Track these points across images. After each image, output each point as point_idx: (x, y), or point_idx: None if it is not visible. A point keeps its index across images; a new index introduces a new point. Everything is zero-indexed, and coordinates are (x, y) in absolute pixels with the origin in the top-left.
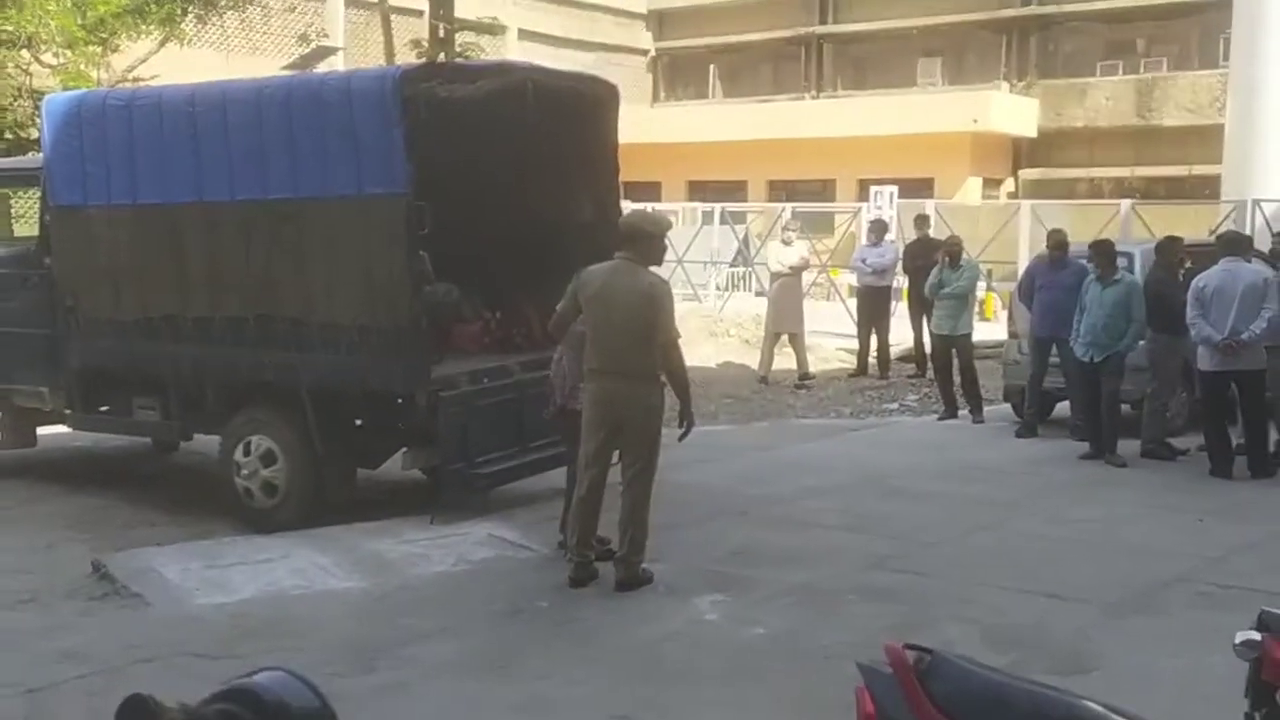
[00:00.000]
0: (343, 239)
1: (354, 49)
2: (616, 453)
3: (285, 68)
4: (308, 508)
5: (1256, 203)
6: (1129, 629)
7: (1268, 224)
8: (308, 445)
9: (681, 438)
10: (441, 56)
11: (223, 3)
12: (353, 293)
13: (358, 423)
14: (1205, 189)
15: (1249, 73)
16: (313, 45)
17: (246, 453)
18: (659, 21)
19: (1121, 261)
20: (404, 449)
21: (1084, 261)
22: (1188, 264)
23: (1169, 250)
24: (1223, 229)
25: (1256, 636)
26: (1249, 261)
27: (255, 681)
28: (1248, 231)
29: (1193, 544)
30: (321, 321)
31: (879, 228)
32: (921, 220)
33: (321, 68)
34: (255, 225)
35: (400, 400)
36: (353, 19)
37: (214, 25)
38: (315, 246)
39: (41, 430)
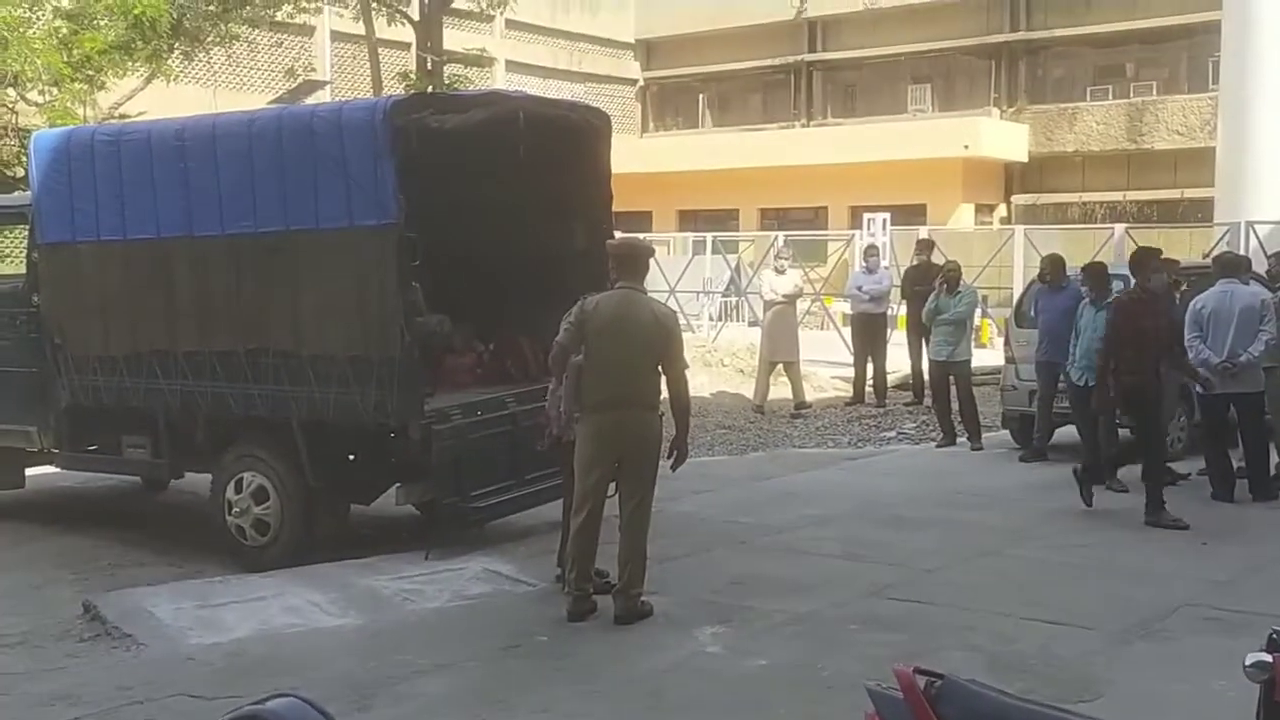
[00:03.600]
0: (334, 271)
1: (341, 82)
2: (613, 484)
3: (272, 102)
4: (300, 545)
5: (1250, 224)
6: (1135, 654)
7: (1261, 246)
8: (300, 481)
9: (674, 468)
10: (430, 89)
11: (209, 39)
12: (345, 325)
13: (351, 457)
14: (1198, 212)
15: (1239, 95)
16: (300, 79)
17: (238, 490)
18: (647, 51)
19: (1117, 285)
20: (398, 483)
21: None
22: (1184, 286)
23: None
24: (1218, 251)
25: (1268, 658)
26: (1246, 283)
27: (268, 708)
28: (1242, 253)
29: (1196, 568)
30: (313, 354)
31: (874, 253)
32: (923, 245)
33: (309, 102)
34: (245, 258)
35: (393, 434)
36: (339, 52)
37: (200, 61)
38: (306, 279)
39: (31, 471)
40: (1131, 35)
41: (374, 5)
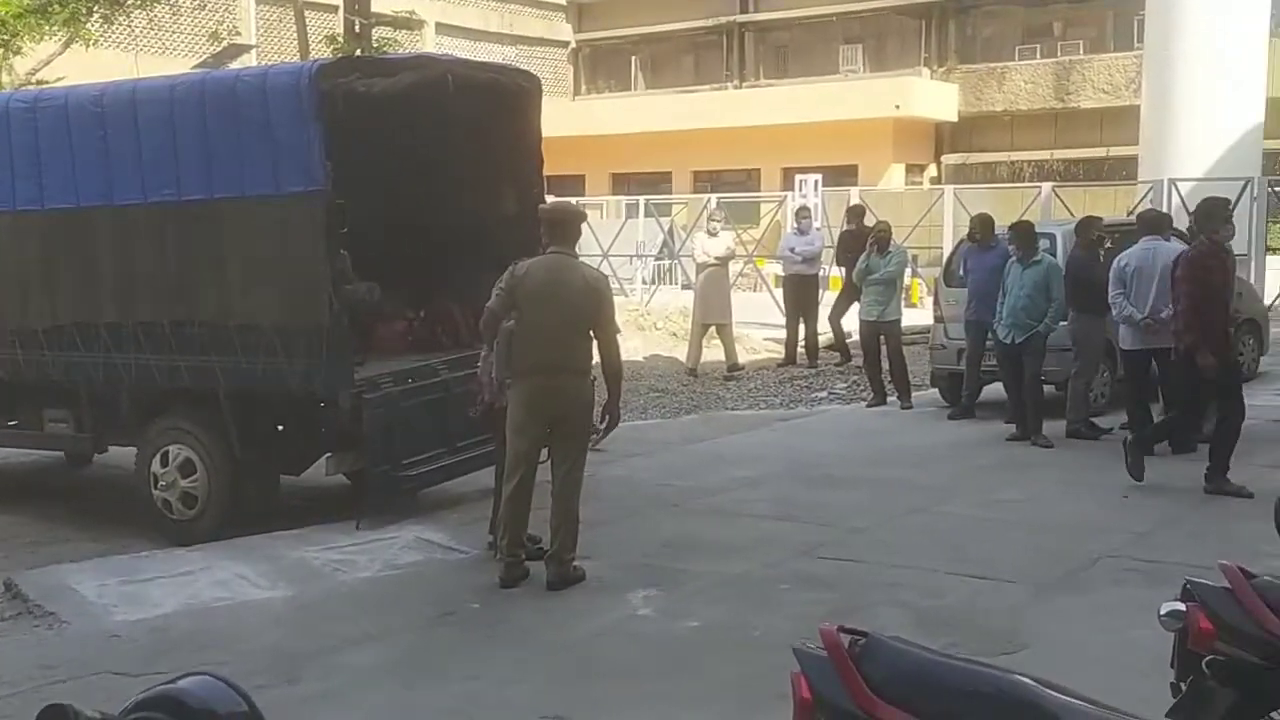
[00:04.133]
0: (261, 239)
1: (267, 46)
2: (545, 450)
3: (196, 67)
4: (228, 518)
5: (1173, 182)
6: (1059, 606)
7: (1184, 203)
8: (227, 453)
9: (605, 433)
10: (358, 52)
11: (130, 2)
12: (272, 294)
13: (279, 428)
14: (1123, 170)
15: (1163, 54)
16: (224, 43)
17: (164, 463)
18: (579, 13)
19: (1044, 243)
20: (328, 453)
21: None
22: (1108, 244)
23: (1088, 229)
24: (1141, 209)
25: (1181, 607)
26: (1168, 240)
27: (179, 687)
28: (1165, 210)
29: (1118, 521)
30: (240, 324)
31: (805, 214)
32: (855, 211)
33: (234, 66)
34: (169, 227)
35: (323, 403)
36: (265, 16)
37: (121, 25)
38: (232, 247)
39: None
40: None
41: None
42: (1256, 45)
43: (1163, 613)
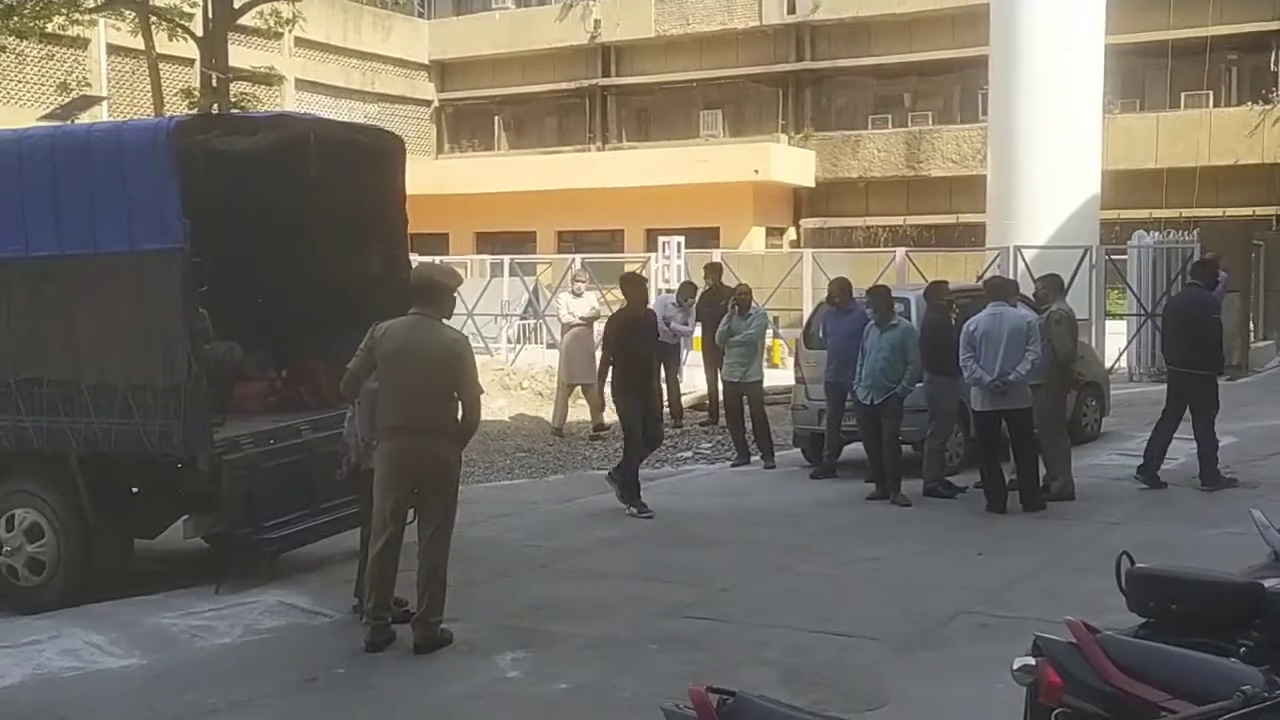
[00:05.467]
0: (115, 297)
1: (119, 99)
2: (411, 511)
3: (44, 118)
4: (79, 584)
5: (1018, 249)
6: (917, 662)
7: (1028, 270)
8: (78, 517)
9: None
10: (215, 107)
11: None
12: (127, 353)
13: (134, 490)
14: (972, 236)
15: (1006, 126)
16: (74, 94)
17: (10, 528)
18: (441, 72)
19: (899, 307)
20: (185, 516)
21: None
22: (955, 309)
23: (937, 294)
24: (989, 274)
25: (1032, 662)
26: (1014, 305)
27: None
28: (1011, 276)
29: (973, 577)
30: (93, 384)
31: (690, 290)
32: (713, 269)
33: (84, 118)
34: (16, 283)
35: (180, 465)
36: (117, 67)
37: None
38: (85, 305)
39: None
40: (909, 67)
41: (153, 20)
42: (1092, 120)
43: (1015, 668)
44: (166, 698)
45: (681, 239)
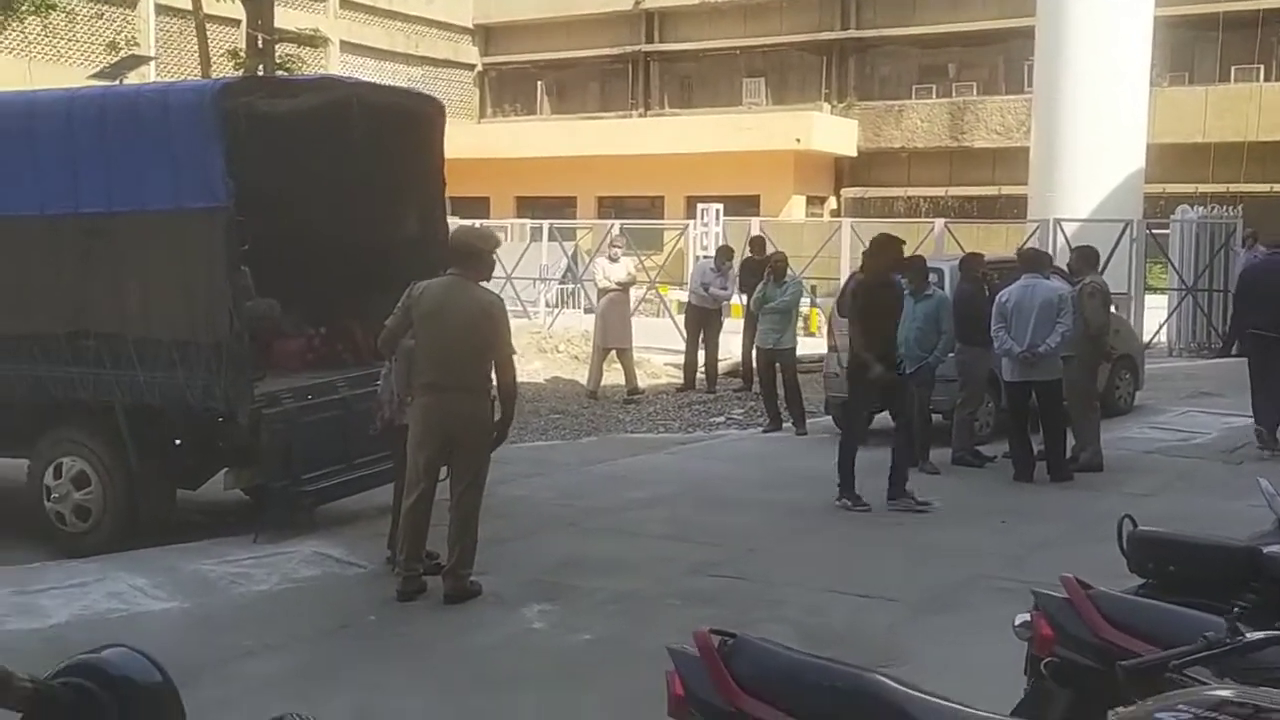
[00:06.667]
0: (160, 254)
1: (167, 58)
2: (444, 467)
3: (93, 76)
4: (124, 531)
5: (1058, 222)
6: (934, 624)
7: (1068, 242)
8: (123, 466)
9: (493, 447)
10: (260, 68)
11: (24, 7)
12: (171, 308)
13: (177, 442)
14: (1014, 208)
15: (1051, 98)
16: (122, 53)
17: (57, 475)
18: (486, 36)
19: (933, 278)
20: (225, 468)
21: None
22: (996, 279)
23: (971, 265)
24: (1027, 246)
25: (1029, 617)
26: (1047, 278)
27: (101, 656)
28: (1050, 249)
29: (995, 544)
30: (138, 338)
31: (728, 254)
32: (757, 242)
33: (132, 77)
34: (66, 240)
35: (221, 418)
36: (165, 27)
37: (14, 31)
38: (131, 262)
39: None
40: (953, 37)
41: None
42: (1139, 92)
43: (1015, 624)
44: (205, 639)
45: (720, 207)
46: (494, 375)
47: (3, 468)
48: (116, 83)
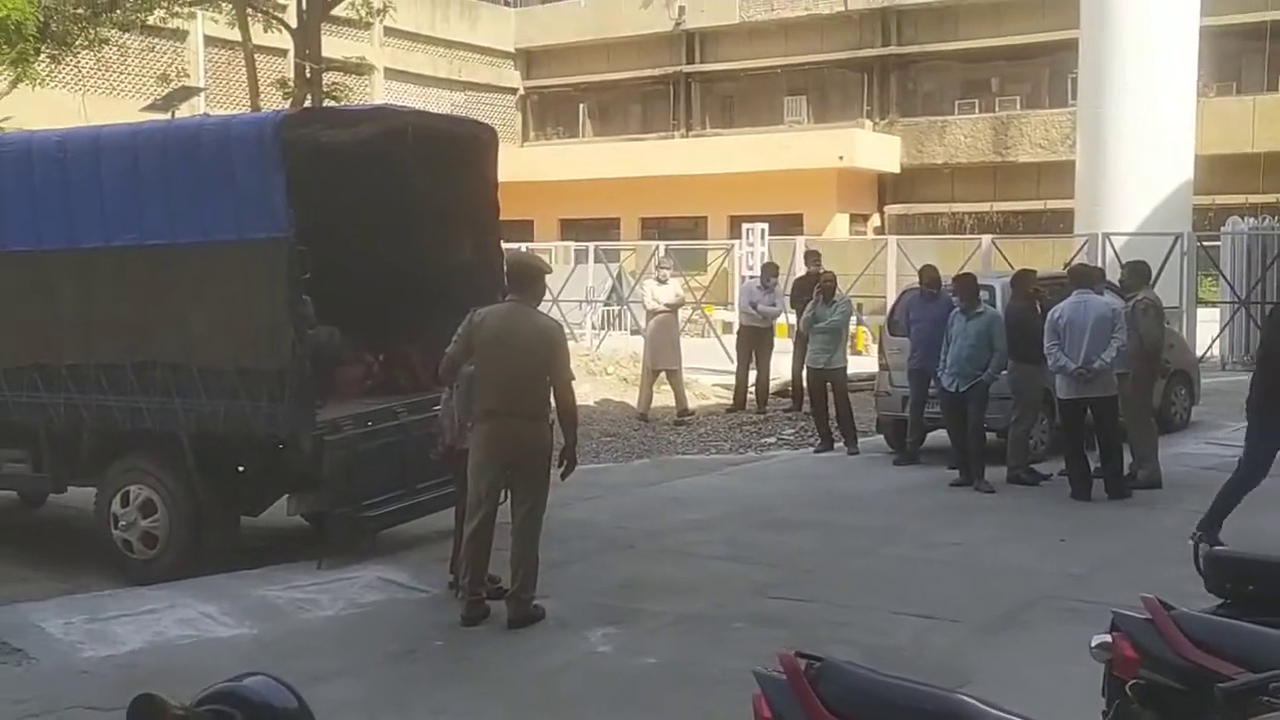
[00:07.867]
0: (223, 283)
1: (216, 89)
2: (505, 491)
3: (145, 108)
4: (189, 557)
5: (1107, 236)
6: (999, 644)
7: (1117, 257)
8: (189, 493)
9: (564, 476)
10: (309, 97)
11: (77, 42)
12: (235, 337)
13: (240, 469)
14: (1060, 223)
15: (1096, 111)
16: (173, 85)
17: (125, 503)
18: (527, 61)
19: (984, 295)
20: (288, 494)
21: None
22: (1046, 295)
23: (1023, 282)
24: (1075, 262)
25: (1109, 639)
26: (1100, 293)
27: (243, 685)
28: (1099, 263)
29: (1056, 563)
30: (202, 366)
31: (773, 271)
32: (812, 256)
33: (183, 108)
34: (132, 271)
35: (284, 445)
36: (214, 58)
37: (68, 65)
38: (195, 291)
39: None
40: (996, 52)
41: (250, 11)
42: (1186, 103)
43: (1093, 645)
44: (275, 664)
45: (765, 226)
46: (552, 400)
47: (69, 496)
48: (169, 115)
